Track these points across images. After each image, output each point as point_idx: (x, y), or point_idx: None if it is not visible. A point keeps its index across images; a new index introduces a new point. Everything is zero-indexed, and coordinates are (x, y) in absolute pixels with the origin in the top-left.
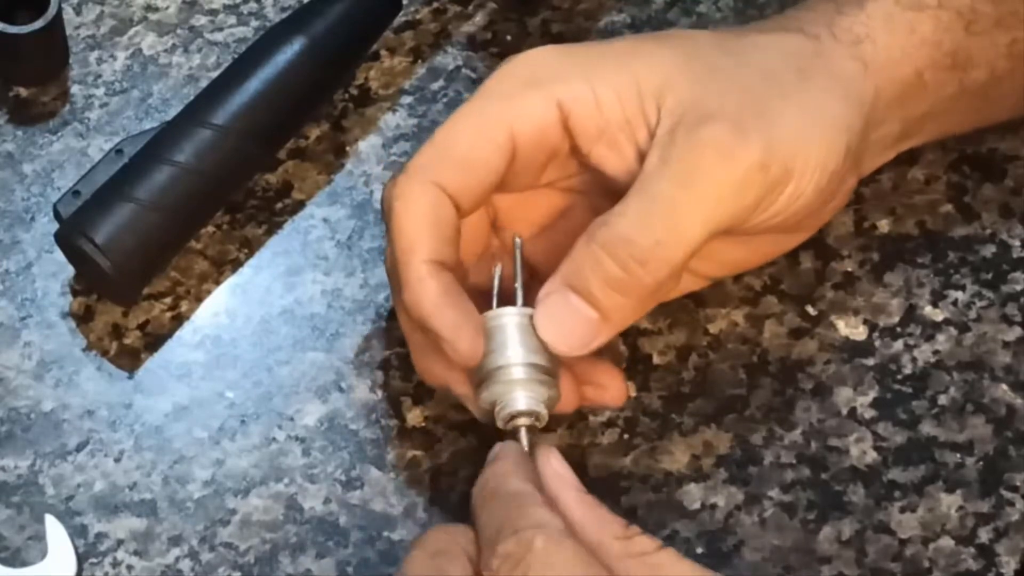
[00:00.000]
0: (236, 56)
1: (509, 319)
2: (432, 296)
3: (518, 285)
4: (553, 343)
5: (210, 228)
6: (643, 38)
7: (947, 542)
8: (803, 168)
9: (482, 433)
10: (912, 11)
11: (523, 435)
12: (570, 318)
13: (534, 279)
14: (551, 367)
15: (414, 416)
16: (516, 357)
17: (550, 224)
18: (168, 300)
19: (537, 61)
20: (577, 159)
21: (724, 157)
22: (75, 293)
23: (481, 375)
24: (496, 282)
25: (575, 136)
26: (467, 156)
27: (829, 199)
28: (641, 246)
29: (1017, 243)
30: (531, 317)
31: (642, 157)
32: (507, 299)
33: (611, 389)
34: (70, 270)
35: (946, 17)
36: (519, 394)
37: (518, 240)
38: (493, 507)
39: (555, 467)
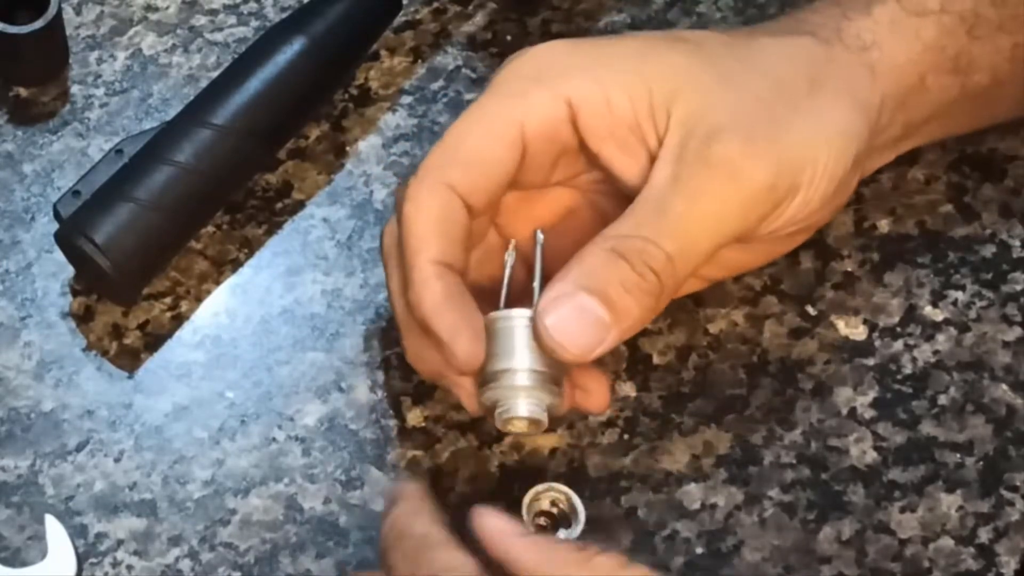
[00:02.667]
0: (236, 56)
1: (518, 321)
2: (435, 298)
3: (536, 285)
4: (562, 346)
5: (210, 228)
6: (654, 39)
7: (947, 542)
8: (811, 180)
9: (482, 433)
10: (916, 16)
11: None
12: (581, 320)
13: (530, 277)
14: (556, 373)
15: (414, 416)
16: (522, 362)
17: (553, 223)
18: (168, 300)
19: (545, 57)
20: (585, 157)
21: (733, 179)
22: (75, 293)
23: (485, 375)
24: (506, 280)
25: (584, 134)
26: (477, 155)
27: (834, 203)
28: (655, 256)
29: (1017, 243)
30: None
31: (651, 159)
32: (513, 298)
33: (595, 395)
34: (70, 270)
35: (949, 22)
36: (521, 400)
37: (540, 236)
38: (404, 547)
39: (492, 522)
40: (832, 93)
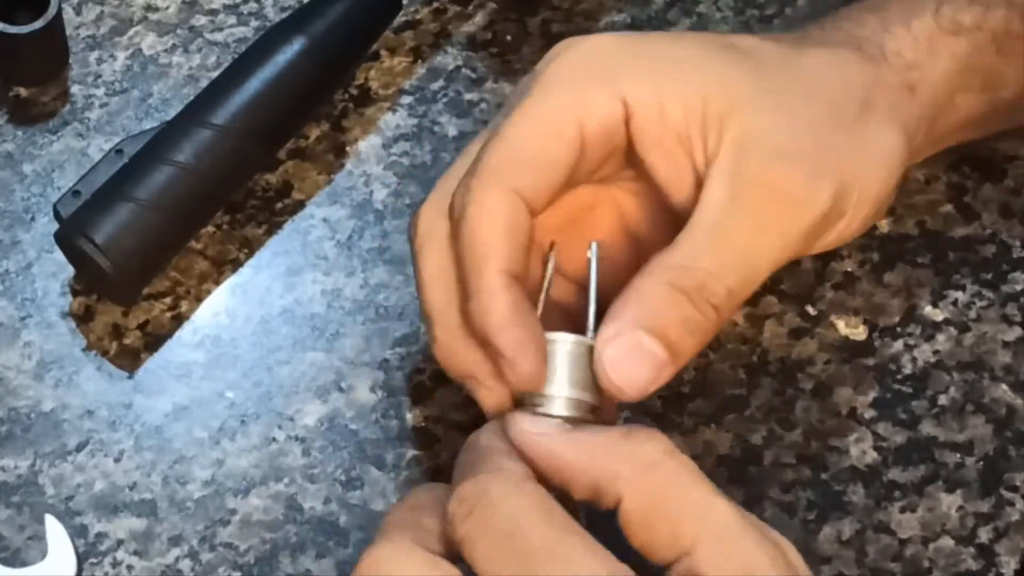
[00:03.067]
0: (236, 56)
1: (561, 346)
2: (503, 312)
3: (591, 309)
4: (619, 387)
5: (210, 228)
6: (708, 45)
7: (947, 542)
8: (858, 205)
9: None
10: (951, 35)
11: None
12: (640, 361)
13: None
14: (592, 402)
15: (414, 416)
16: (561, 389)
17: (575, 217)
18: (168, 300)
19: (598, 52)
20: (627, 160)
21: (798, 206)
22: (75, 293)
23: (522, 394)
24: (546, 286)
25: (633, 138)
26: (540, 155)
27: (867, 225)
28: (717, 293)
29: (1017, 243)
30: (588, 347)
31: (696, 174)
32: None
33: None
34: (70, 270)
35: (981, 39)
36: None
37: (594, 248)
38: (464, 458)
39: (527, 425)
40: (880, 117)
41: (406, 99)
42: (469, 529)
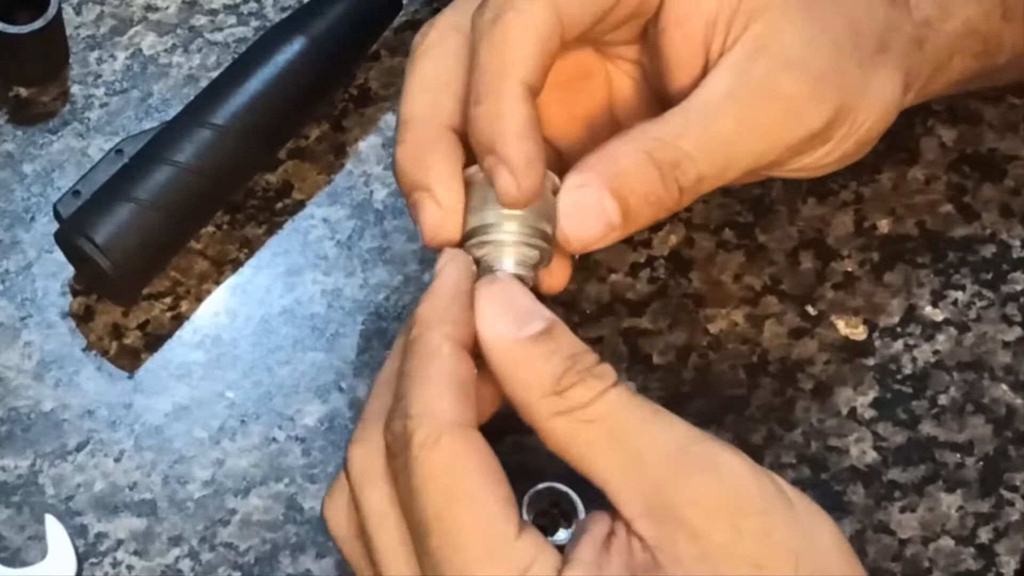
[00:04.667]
0: (236, 56)
1: None
2: (522, 120)
3: None
4: (569, 235)
5: (210, 228)
6: None
7: (947, 542)
8: (844, 137)
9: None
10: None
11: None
12: (596, 217)
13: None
14: (545, 232)
15: None
16: (512, 216)
17: (569, 81)
18: (168, 300)
19: None
20: (644, 30)
21: (793, 118)
22: (75, 293)
23: (472, 230)
24: None
25: (663, 8)
26: None
27: (843, 163)
28: (688, 175)
29: (1017, 243)
30: (551, 192)
31: (706, 64)
32: None
33: (555, 274)
34: (70, 270)
35: (991, 4)
36: (507, 255)
37: None
38: (410, 355)
39: (484, 323)
40: (892, 61)
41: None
42: (395, 469)
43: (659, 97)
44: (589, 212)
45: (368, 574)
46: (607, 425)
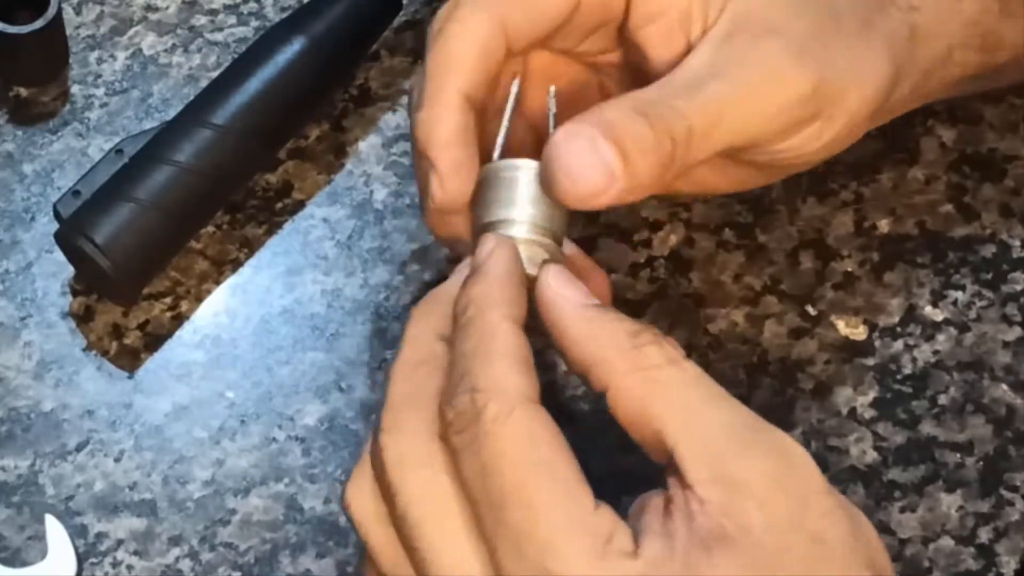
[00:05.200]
0: (236, 56)
1: (524, 173)
2: (451, 129)
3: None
4: (566, 186)
5: (210, 228)
6: None
7: (947, 542)
8: (833, 115)
9: None
10: None
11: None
12: (592, 161)
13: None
14: (557, 232)
15: None
16: (523, 213)
17: (561, 94)
18: (168, 300)
19: None
20: (620, 34)
21: (778, 81)
22: (75, 293)
23: (483, 225)
24: (505, 123)
25: (632, 9)
26: None
27: (831, 149)
28: (678, 126)
29: (1017, 243)
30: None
31: (688, 49)
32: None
33: (598, 286)
34: (70, 270)
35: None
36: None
37: (552, 91)
38: (467, 335)
39: (552, 290)
40: (878, 42)
41: (406, 99)
42: (457, 445)
43: None
44: (585, 158)
45: (397, 561)
46: (682, 390)
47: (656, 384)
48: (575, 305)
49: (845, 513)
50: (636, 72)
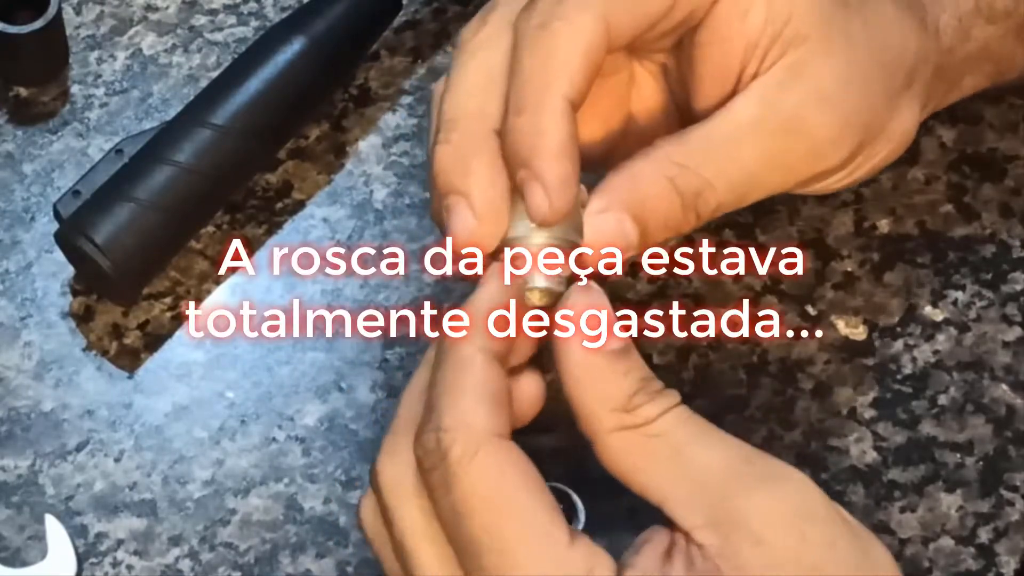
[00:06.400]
0: (236, 56)
1: None
2: (563, 138)
3: None
4: (591, 256)
5: (210, 228)
6: None
7: (947, 542)
8: (857, 167)
9: None
10: (986, 21)
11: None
12: (616, 239)
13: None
14: (578, 247)
15: None
16: (544, 231)
17: (600, 112)
18: (168, 300)
19: None
20: (679, 40)
21: (817, 153)
22: (75, 293)
23: (503, 241)
24: None
25: (706, 22)
26: None
27: (857, 182)
28: (708, 204)
29: (1017, 243)
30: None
31: (737, 85)
32: None
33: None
34: (70, 270)
35: (1008, 26)
36: (536, 274)
37: None
38: (441, 367)
39: (563, 324)
40: (914, 94)
41: (406, 99)
42: (430, 484)
43: (680, 104)
44: (610, 236)
45: None
46: (669, 439)
47: (642, 440)
48: (583, 352)
49: (849, 539)
50: (676, 77)
